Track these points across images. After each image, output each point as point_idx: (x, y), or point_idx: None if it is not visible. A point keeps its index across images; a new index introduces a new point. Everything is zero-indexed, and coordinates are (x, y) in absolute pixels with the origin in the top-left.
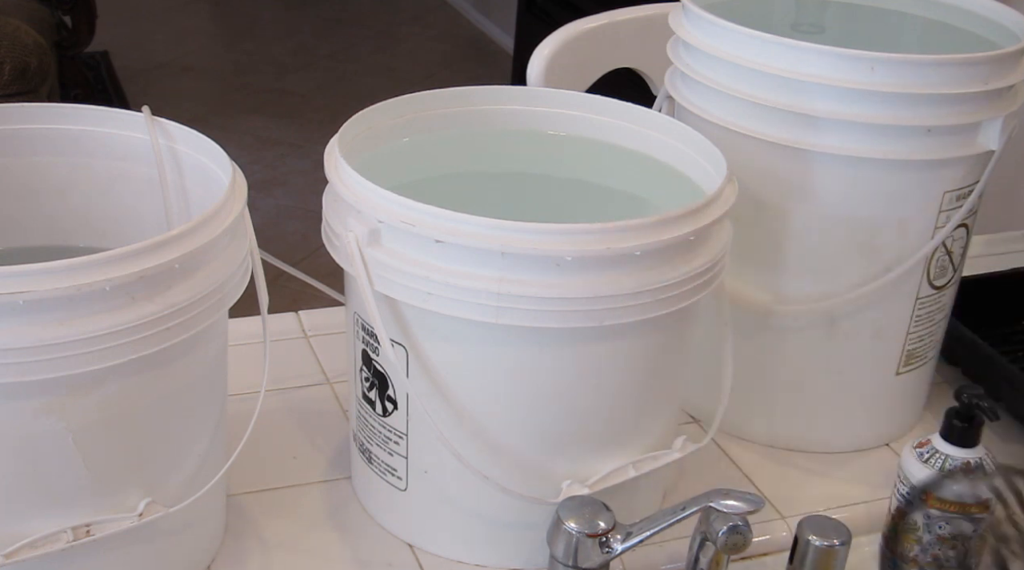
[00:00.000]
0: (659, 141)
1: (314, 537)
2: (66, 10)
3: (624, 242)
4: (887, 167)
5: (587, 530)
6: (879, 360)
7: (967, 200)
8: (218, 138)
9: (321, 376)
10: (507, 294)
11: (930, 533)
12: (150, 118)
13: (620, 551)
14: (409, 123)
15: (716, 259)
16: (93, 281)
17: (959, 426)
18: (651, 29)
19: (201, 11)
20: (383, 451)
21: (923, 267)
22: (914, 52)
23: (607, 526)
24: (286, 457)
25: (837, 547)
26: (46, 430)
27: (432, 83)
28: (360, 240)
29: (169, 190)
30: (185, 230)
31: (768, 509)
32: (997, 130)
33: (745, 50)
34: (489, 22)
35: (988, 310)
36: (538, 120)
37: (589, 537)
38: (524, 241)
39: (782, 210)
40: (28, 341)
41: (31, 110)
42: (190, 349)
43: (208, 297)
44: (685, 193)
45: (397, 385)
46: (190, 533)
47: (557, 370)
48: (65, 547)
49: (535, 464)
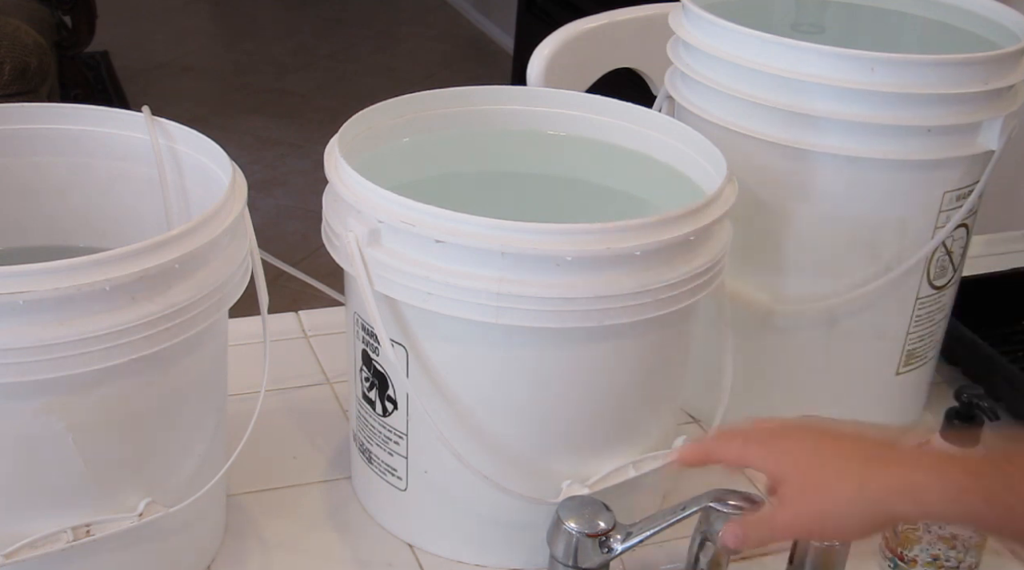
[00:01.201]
0: (659, 141)
1: (314, 537)
2: (66, 10)
3: (624, 242)
4: (887, 167)
5: (587, 530)
6: (879, 360)
7: (967, 200)
8: (218, 138)
9: (321, 376)
10: (507, 294)
11: (930, 533)
12: (150, 118)
13: (620, 551)
14: (409, 123)
15: (716, 259)
16: (93, 281)
17: (959, 426)
18: (651, 29)
19: (201, 11)
20: (383, 451)
21: (923, 267)
22: (914, 52)
23: (607, 526)
24: (286, 457)
25: (837, 547)
26: (46, 430)
27: (432, 83)
28: (360, 240)
29: (169, 190)
30: (185, 230)
31: None
32: (997, 130)
33: (745, 50)
34: (489, 22)
35: (988, 310)
36: (538, 120)
37: (589, 537)
38: (524, 241)
39: (782, 210)
40: (28, 341)
41: (31, 110)
42: (190, 349)
43: (208, 297)
44: (685, 193)
45: (397, 385)
46: (190, 533)
47: (557, 370)
48: (65, 547)
49: (535, 464)
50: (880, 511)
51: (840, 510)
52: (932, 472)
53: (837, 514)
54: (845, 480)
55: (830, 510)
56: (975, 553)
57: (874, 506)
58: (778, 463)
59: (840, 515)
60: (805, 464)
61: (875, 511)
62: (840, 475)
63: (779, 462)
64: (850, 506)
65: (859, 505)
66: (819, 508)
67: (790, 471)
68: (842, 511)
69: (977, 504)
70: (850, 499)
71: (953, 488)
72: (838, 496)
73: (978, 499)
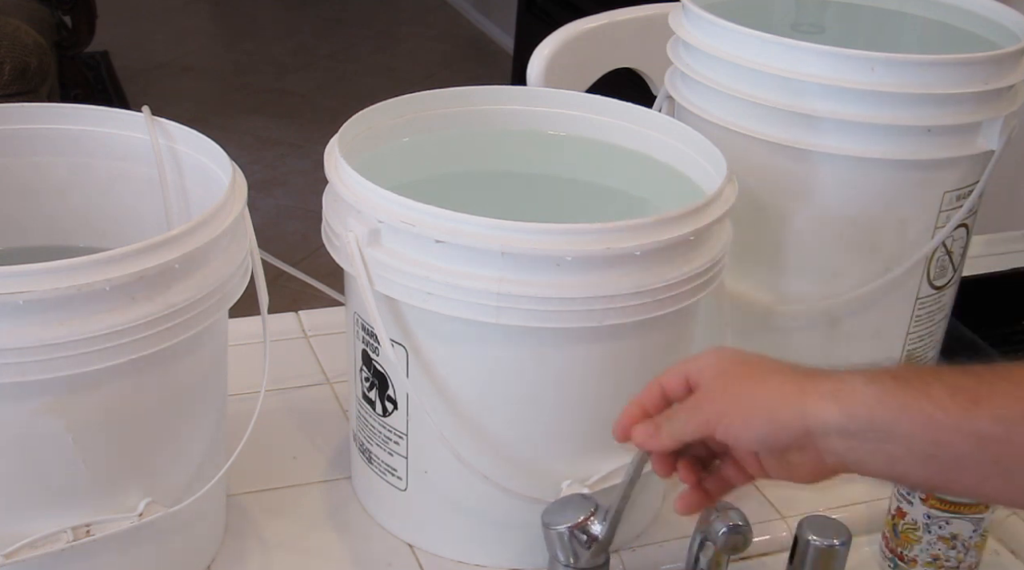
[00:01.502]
0: (659, 141)
1: (314, 537)
2: (66, 10)
3: (624, 242)
4: (887, 167)
5: (569, 522)
6: (879, 360)
7: (967, 200)
8: (218, 138)
9: (321, 376)
10: (507, 294)
11: (930, 533)
12: (150, 118)
13: (604, 532)
14: (409, 123)
15: (716, 259)
16: (93, 281)
17: None
18: (651, 29)
19: (201, 11)
20: (383, 451)
21: (923, 267)
22: (914, 52)
23: (585, 515)
24: (286, 457)
25: (837, 547)
26: (46, 430)
27: (432, 83)
28: (360, 240)
29: (169, 190)
30: (185, 230)
31: (768, 509)
32: (997, 130)
33: (745, 50)
34: (489, 22)
35: (988, 310)
36: (538, 120)
37: (572, 529)
38: (524, 241)
39: (782, 210)
40: (28, 341)
41: (31, 110)
42: (190, 349)
43: (208, 297)
44: (685, 193)
45: (397, 385)
46: (190, 533)
47: (557, 370)
48: (65, 547)
49: (535, 464)
50: (795, 416)
51: (755, 407)
52: (860, 376)
53: (745, 412)
54: (764, 383)
55: (742, 407)
56: (975, 553)
57: (789, 409)
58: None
59: (749, 412)
60: (721, 370)
61: (788, 416)
62: (759, 379)
63: (697, 372)
64: (768, 402)
65: (774, 403)
66: (728, 406)
67: (707, 377)
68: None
69: (893, 409)
70: (768, 397)
71: (879, 389)
72: (755, 393)
73: (895, 403)
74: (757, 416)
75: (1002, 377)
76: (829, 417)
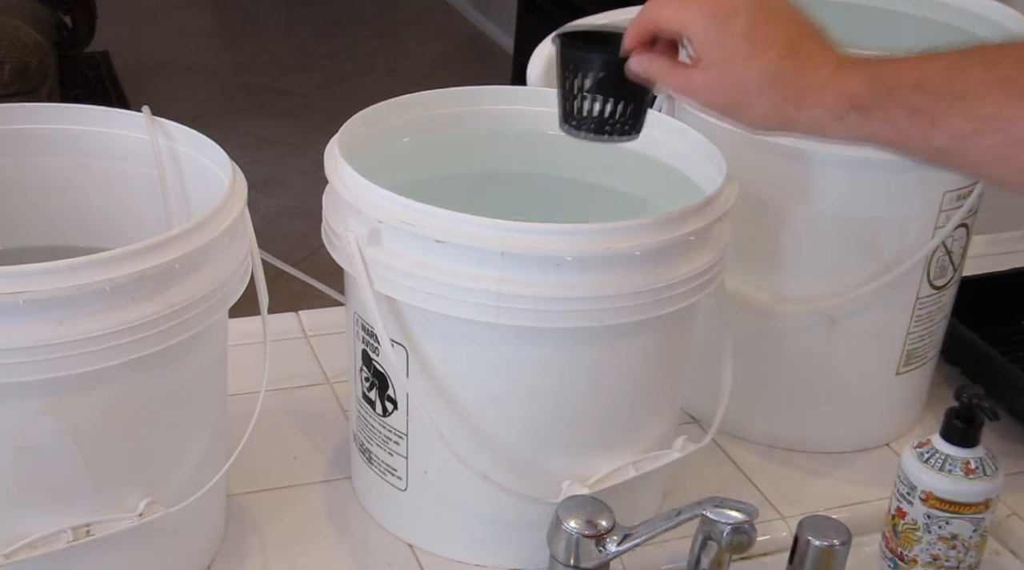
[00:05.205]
0: (659, 141)
1: (314, 537)
2: (66, 10)
3: (624, 242)
4: (887, 167)
5: (586, 530)
6: (879, 360)
7: (967, 200)
8: (218, 138)
9: (321, 376)
10: (507, 294)
11: (930, 533)
12: (150, 118)
13: (616, 553)
14: (409, 123)
15: (716, 259)
16: (93, 281)
17: (959, 426)
18: None
19: (201, 11)
20: (383, 451)
21: (923, 267)
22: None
23: (607, 526)
24: (286, 457)
25: (837, 547)
26: (46, 430)
27: (432, 83)
28: (360, 240)
29: (169, 190)
30: (185, 230)
31: (768, 509)
32: None
33: None
34: (489, 22)
35: (988, 310)
36: (538, 120)
37: (588, 537)
38: (524, 241)
39: (782, 210)
40: (28, 341)
41: (31, 110)
42: (190, 349)
43: (208, 297)
44: (685, 193)
45: (397, 385)
46: (190, 533)
47: (557, 370)
48: (65, 547)
49: (535, 464)
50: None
51: (750, 94)
52: (825, 111)
53: (747, 97)
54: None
55: (741, 97)
56: (975, 553)
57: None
58: (708, 28)
59: (749, 99)
60: (738, 31)
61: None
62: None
63: (710, 28)
64: (759, 94)
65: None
66: (732, 82)
67: (722, 38)
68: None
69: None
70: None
71: (844, 127)
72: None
73: (860, 133)
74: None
75: (959, 97)
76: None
